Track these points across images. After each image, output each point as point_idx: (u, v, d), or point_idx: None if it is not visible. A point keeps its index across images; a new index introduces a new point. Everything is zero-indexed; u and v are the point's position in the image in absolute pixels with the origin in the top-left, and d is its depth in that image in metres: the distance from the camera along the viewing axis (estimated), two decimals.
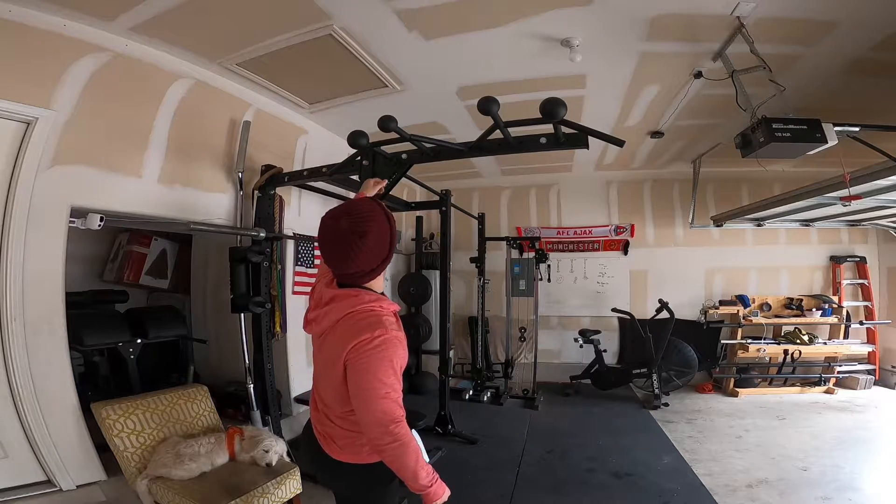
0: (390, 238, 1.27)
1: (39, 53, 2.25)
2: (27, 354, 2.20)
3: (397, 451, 1.14)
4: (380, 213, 1.27)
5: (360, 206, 1.28)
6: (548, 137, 2.05)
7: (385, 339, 1.16)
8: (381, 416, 1.13)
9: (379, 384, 1.14)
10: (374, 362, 1.15)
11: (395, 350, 1.18)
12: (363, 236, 1.21)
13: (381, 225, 1.25)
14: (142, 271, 4.25)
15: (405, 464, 1.15)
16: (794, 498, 2.65)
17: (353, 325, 1.20)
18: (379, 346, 1.16)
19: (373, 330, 1.17)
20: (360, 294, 1.26)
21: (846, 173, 2.67)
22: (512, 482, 2.95)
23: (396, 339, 1.19)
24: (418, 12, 2.44)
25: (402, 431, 1.14)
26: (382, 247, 1.25)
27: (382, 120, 1.98)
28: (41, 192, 2.24)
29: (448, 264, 3.89)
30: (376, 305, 1.24)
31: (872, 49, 2.71)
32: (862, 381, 4.90)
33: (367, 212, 1.25)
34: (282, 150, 3.75)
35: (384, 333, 1.17)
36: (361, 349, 1.16)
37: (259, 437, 2.30)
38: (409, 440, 1.15)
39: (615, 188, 5.91)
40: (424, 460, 1.18)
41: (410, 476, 1.16)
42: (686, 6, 2.39)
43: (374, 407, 1.14)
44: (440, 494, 1.19)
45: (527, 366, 5.22)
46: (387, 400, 1.14)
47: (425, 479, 1.16)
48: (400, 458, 1.14)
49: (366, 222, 1.22)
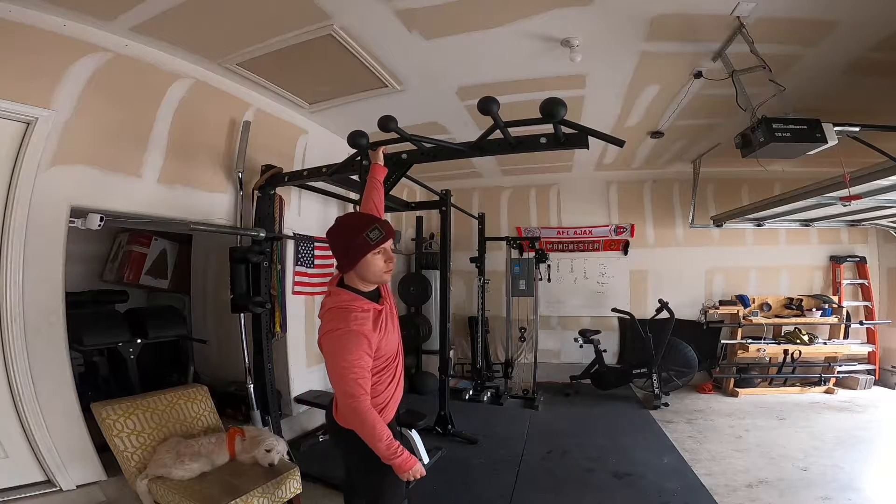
0: (345, 250, 1.52)
1: (39, 53, 2.26)
2: (27, 354, 2.21)
3: (356, 423, 1.41)
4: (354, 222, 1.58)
5: (348, 216, 1.72)
6: (548, 137, 2.05)
7: (345, 332, 1.41)
8: (341, 390, 1.41)
9: (339, 366, 1.38)
10: (334, 349, 1.41)
11: (353, 341, 1.40)
12: (330, 231, 1.58)
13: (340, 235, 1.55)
14: (142, 271, 4.26)
15: (364, 435, 1.39)
16: (794, 498, 2.65)
17: (328, 318, 1.48)
18: (339, 336, 1.41)
19: (337, 323, 1.43)
20: (340, 293, 1.52)
21: (846, 173, 2.67)
22: (512, 482, 2.95)
23: (356, 332, 1.41)
24: (418, 12, 2.45)
25: (360, 407, 1.38)
26: (335, 248, 1.57)
27: (382, 120, 1.97)
28: (41, 192, 2.25)
29: (448, 264, 3.89)
30: (349, 303, 1.48)
31: (872, 49, 2.71)
32: (862, 381, 4.90)
33: (347, 219, 1.64)
34: (282, 150, 3.75)
35: (345, 327, 1.41)
36: (326, 337, 1.44)
37: (261, 437, 2.30)
38: (365, 415, 1.38)
39: (615, 188, 5.91)
40: (385, 435, 1.38)
41: (373, 447, 1.39)
42: (686, 6, 2.40)
43: (336, 383, 1.41)
44: (405, 468, 1.40)
45: (527, 366, 5.21)
46: (345, 379, 1.38)
47: (385, 450, 1.38)
48: (359, 429, 1.40)
49: (336, 224, 1.59)
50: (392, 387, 1.60)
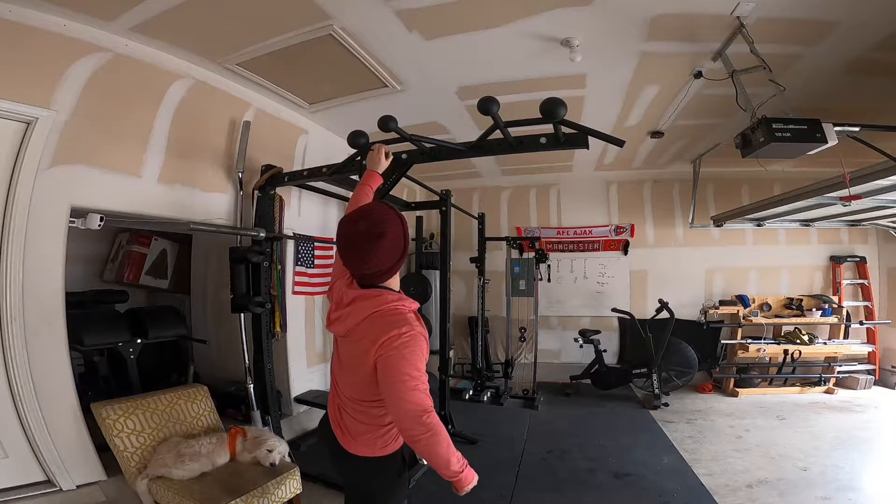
0: (404, 238, 1.34)
1: (39, 53, 2.25)
2: (27, 354, 2.20)
3: (430, 440, 1.19)
4: (394, 216, 1.33)
5: (375, 210, 1.35)
6: (548, 137, 2.04)
7: (412, 336, 1.23)
8: (412, 407, 1.19)
9: (408, 377, 1.20)
10: (402, 357, 1.21)
11: (420, 345, 1.24)
12: (380, 237, 1.27)
13: (396, 226, 1.32)
14: (142, 271, 4.26)
15: (438, 452, 1.20)
16: (794, 498, 2.65)
17: (380, 323, 1.26)
18: (407, 342, 1.22)
19: (399, 327, 1.23)
20: (382, 294, 1.31)
21: (846, 173, 2.67)
22: (512, 482, 2.95)
23: (421, 335, 1.26)
24: (418, 12, 2.44)
25: (434, 421, 1.19)
26: (398, 247, 1.32)
27: (382, 120, 1.97)
28: (41, 192, 2.24)
29: (448, 264, 3.89)
30: (399, 304, 1.30)
31: (872, 49, 2.71)
32: (862, 381, 4.90)
33: (382, 215, 1.32)
34: (282, 150, 3.75)
35: (410, 330, 1.24)
36: (390, 345, 1.22)
37: (262, 438, 2.30)
38: (440, 429, 1.20)
39: (615, 188, 5.91)
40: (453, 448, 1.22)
41: (443, 464, 1.21)
42: (686, 6, 2.39)
43: (405, 399, 1.19)
44: (469, 480, 1.25)
45: (527, 366, 5.22)
46: (416, 391, 1.19)
47: (457, 465, 1.21)
48: (433, 446, 1.20)
49: (383, 224, 1.29)
50: None
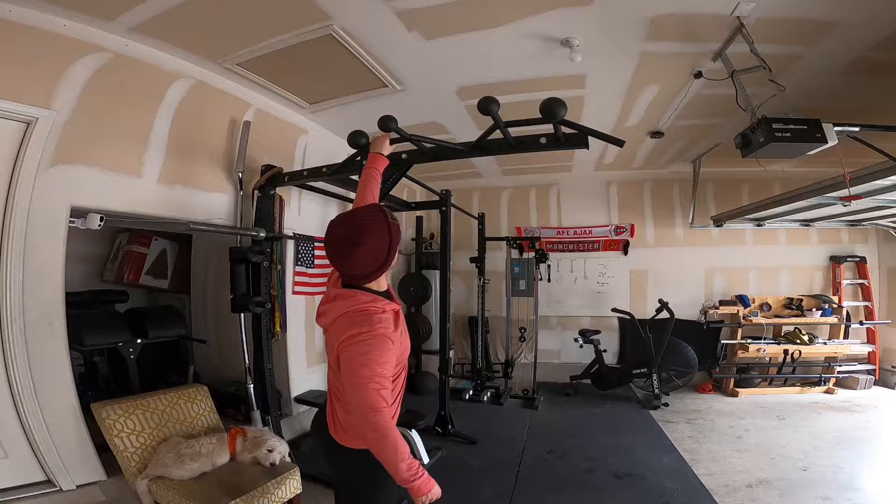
0: (389, 246, 1.34)
1: (39, 53, 2.25)
2: (27, 354, 2.20)
3: (377, 441, 1.20)
4: (379, 223, 1.34)
5: (361, 215, 1.37)
6: (548, 137, 2.04)
7: (372, 335, 1.26)
8: (361, 403, 1.21)
9: (361, 375, 1.22)
10: (358, 355, 1.24)
11: (378, 345, 1.25)
12: (355, 246, 1.30)
13: (380, 235, 1.32)
14: (142, 271, 4.26)
15: (384, 455, 1.20)
16: (794, 498, 2.65)
17: (346, 323, 1.31)
18: (364, 341, 1.25)
19: (361, 327, 1.27)
20: (356, 295, 1.35)
21: (846, 173, 2.67)
22: (512, 482, 2.95)
23: (383, 336, 1.27)
24: (418, 12, 2.44)
25: (382, 422, 1.20)
26: (378, 257, 1.33)
27: (382, 120, 1.97)
28: (41, 192, 2.25)
29: (448, 264, 3.89)
30: (370, 305, 1.33)
31: (872, 49, 2.71)
32: (862, 381, 4.90)
33: (365, 223, 1.33)
34: (282, 150, 3.75)
35: (371, 330, 1.26)
36: (349, 343, 1.26)
37: (262, 438, 2.30)
38: (387, 431, 1.20)
39: (615, 188, 5.91)
40: (408, 455, 1.21)
41: (392, 468, 1.20)
42: (686, 6, 2.39)
43: (356, 395, 1.23)
44: (424, 491, 1.22)
45: (527, 366, 5.21)
46: (367, 389, 1.21)
47: (406, 472, 1.19)
48: (380, 449, 1.20)
49: (362, 234, 1.31)
50: (399, 399, 1.46)
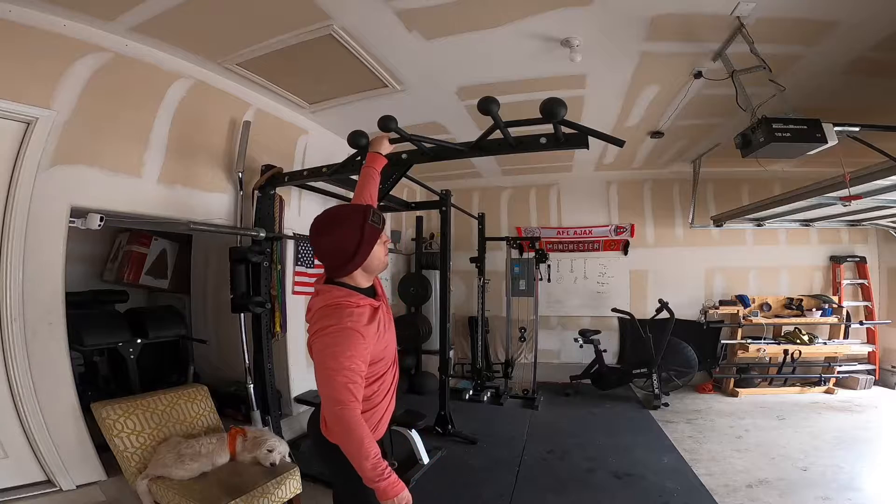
0: (359, 244, 1.37)
1: (39, 53, 2.26)
2: (27, 354, 2.20)
3: (342, 435, 1.21)
4: (353, 219, 1.39)
5: (337, 211, 1.45)
6: (548, 137, 2.04)
7: (339, 329, 1.26)
8: (328, 395, 1.23)
9: (328, 367, 1.23)
10: (325, 347, 1.25)
11: (346, 339, 1.25)
12: (320, 234, 1.39)
13: (348, 229, 1.38)
14: (142, 271, 4.25)
15: (349, 450, 1.20)
16: (794, 498, 2.65)
17: (318, 316, 1.34)
18: (333, 333, 1.26)
19: (329, 320, 1.29)
20: (331, 290, 1.38)
21: (846, 173, 2.67)
22: (512, 482, 2.95)
23: (351, 329, 1.27)
24: (418, 12, 2.44)
25: (348, 416, 1.19)
26: (344, 249, 1.37)
27: (382, 120, 1.97)
28: (41, 192, 2.24)
29: (448, 264, 3.89)
30: (344, 299, 1.34)
31: (872, 49, 2.71)
32: (862, 381, 4.90)
33: (337, 217, 1.42)
34: (282, 150, 3.75)
35: (339, 323, 1.27)
36: (318, 335, 1.29)
37: (262, 438, 2.30)
38: (352, 426, 1.19)
39: (615, 188, 5.91)
40: (374, 454, 1.19)
41: (356, 465, 1.19)
42: (686, 6, 2.39)
43: (324, 386, 1.24)
44: (389, 494, 1.17)
45: (527, 366, 5.21)
46: (334, 381, 1.21)
47: (370, 471, 1.17)
48: (343, 442, 1.20)
49: (329, 225, 1.39)
50: (387, 399, 1.46)
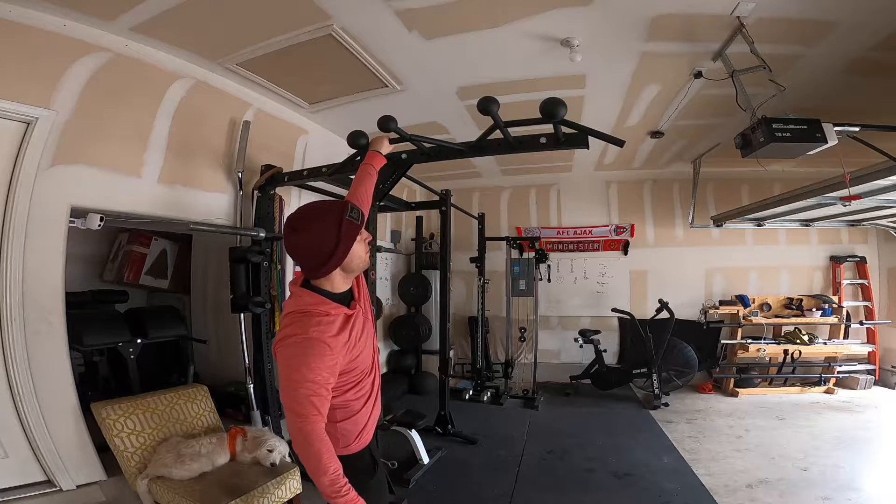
0: (335, 245, 1.25)
1: (39, 53, 2.25)
2: (27, 354, 2.20)
3: (299, 446, 1.14)
4: (329, 220, 1.26)
5: (315, 206, 1.33)
6: (548, 137, 2.04)
7: (302, 339, 1.19)
8: (288, 407, 1.16)
9: (290, 378, 1.16)
10: (288, 358, 1.19)
11: (311, 350, 1.17)
12: (294, 231, 1.27)
13: (323, 230, 1.26)
14: (142, 271, 4.25)
15: (307, 465, 1.13)
16: (794, 498, 2.65)
17: (287, 322, 1.27)
18: (296, 343, 1.19)
19: (295, 329, 1.22)
20: (303, 295, 1.30)
21: (846, 173, 2.67)
22: (512, 482, 2.95)
23: (317, 340, 1.19)
24: (418, 12, 2.44)
25: (308, 430, 1.13)
26: (320, 249, 1.25)
27: (382, 120, 1.97)
28: (41, 192, 2.24)
29: (448, 264, 3.89)
30: (313, 307, 1.26)
31: (872, 49, 2.70)
32: (862, 381, 4.90)
33: (315, 213, 1.29)
34: (282, 150, 3.75)
35: (303, 333, 1.19)
36: (281, 344, 1.22)
37: (262, 438, 2.30)
38: (311, 440, 1.12)
39: (615, 188, 5.91)
40: (332, 469, 1.12)
41: (314, 480, 1.13)
42: (686, 6, 2.39)
43: (284, 397, 1.17)
44: None
45: (527, 366, 5.22)
46: (296, 393, 1.14)
47: (328, 486, 1.11)
48: (301, 455, 1.13)
49: (305, 221, 1.27)
50: (369, 406, 1.40)
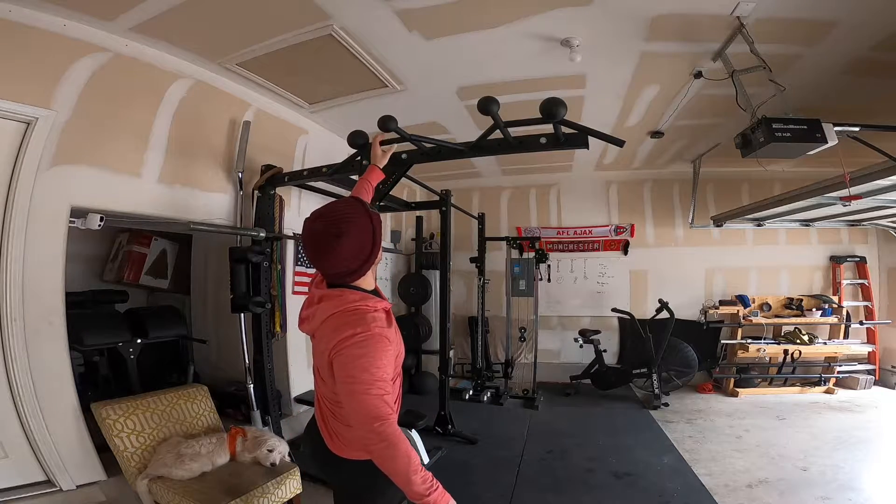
0: (373, 238, 1.26)
1: (39, 53, 2.25)
2: (27, 354, 2.20)
3: (384, 451, 1.10)
4: (360, 214, 1.26)
5: (338, 207, 1.29)
6: (548, 137, 2.04)
7: (368, 336, 1.16)
8: (364, 412, 1.11)
9: (359, 381, 1.12)
10: (355, 359, 1.14)
11: (377, 347, 1.16)
12: (339, 237, 1.22)
13: (361, 226, 1.25)
14: (142, 271, 4.25)
15: (395, 467, 1.10)
16: (794, 498, 2.65)
17: (337, 324, 1.21)
18: (361, 342, 1.15)
19: (354, 327, 1.17)
20: (344, 294, 1.26)
21: (846, 173, 2.67)
22: (512, 482, 2.95)
23: (380, 336, 1.18)
24: (418, 12, 2.44)
25: (389, 431, 1.10)
26: (363, 247, 1.25)
27: (382, 120, 1.97)
28: (41, 192, 2.24)
29: (448, 264, 3.89)
30: (361, 304, 1.24)
31: (872, 49, 2.71)
32: (862, 381, 4.90)
33: (345, 213, 1.26)
34: (282, 150, 3.75)
35: (366, 331, 1.16)
36: (343, 346, 1.16)
37: (262, 438, 2.30)
38: (397, 441, 1.10)
39: (615, 188, 5.91)
40: (420, 465, 1.11)
41: (403, 481, 1.10)
42: (686, 6, 2.39)
43: (357, 403, 1.12)
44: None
45: (527, 366, 5.21)
46: (369, 396, 1.11)
47: (420, 485, 1.09)
48: (387, 459, 1.10)
49: (343, 223, 1.23)
50: (398, 406, 1.35)
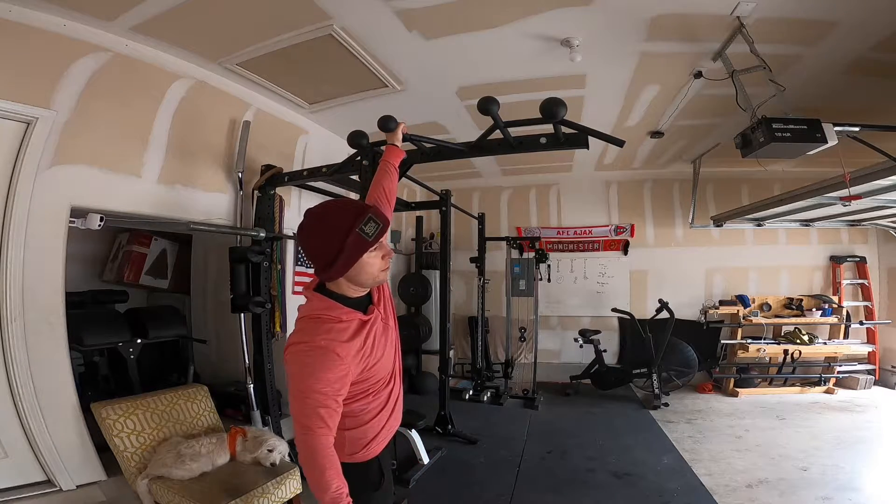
0: (336, 253, 1.17)
1: (39, 53, 2.25)
2: (27, 354, 2.20)
3: (303, 459, 1.11)
4: (336, 224, 1.19)
5: (330, 206, 1.27)
6: (548, 137, 2.05)
7: (312, 348, 1.14)
8: (296, 417, 1.13)
9: (297, 389, 1.13)
10: (294, 366, 1.15)
11: (321, 360, 1.13)
12: (301, 229, 1.23)
13: (328, 234, 1.19)
14: (142, 271, 4.25)
15: (309, 477, 1.12)
16: (794, 498, 2.65)
17: (297, 328, 1.23)
18: (305, 352, 1.15)
19: (303, 336, 1.18)
20: (314, 300, 1.25)
21: (846, 173, 2.67)
22: (512, 482, 2.95)
23: (325, 349, 1.14)
24: (418, 12, 2.45)
25: (311, 443, 1.10)
26: (324, 251, 1.19)
27: (382, 120, 1.97)
28: (41, 192, 2.24)
29: (448, 264, 3.89)
30: (324, 313, 1.21)
31: (872, 49, 2.71)
32: (862, 381, 4.90)
33: (326, 214, 1.23)
34: (282, 150, 3.75)
35: (310, 341, 1.15)
36: (289, 351, 1.18)
37: (263, 438, 2.31)
38: (316, 454, 1.10)
39: (615, 188, 5.91)
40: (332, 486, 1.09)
41: (316, 495, 1.10)
42: (686, 6, 2.40)
43: (293, 407, 1.14)
44: None
45: (527, 366, 5.22)
46: (304, 405, 1.11)
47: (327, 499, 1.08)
48: (305, 467, 1.11)
49: (315, 219, 1.22)
50: (384, 416, 1.33)
